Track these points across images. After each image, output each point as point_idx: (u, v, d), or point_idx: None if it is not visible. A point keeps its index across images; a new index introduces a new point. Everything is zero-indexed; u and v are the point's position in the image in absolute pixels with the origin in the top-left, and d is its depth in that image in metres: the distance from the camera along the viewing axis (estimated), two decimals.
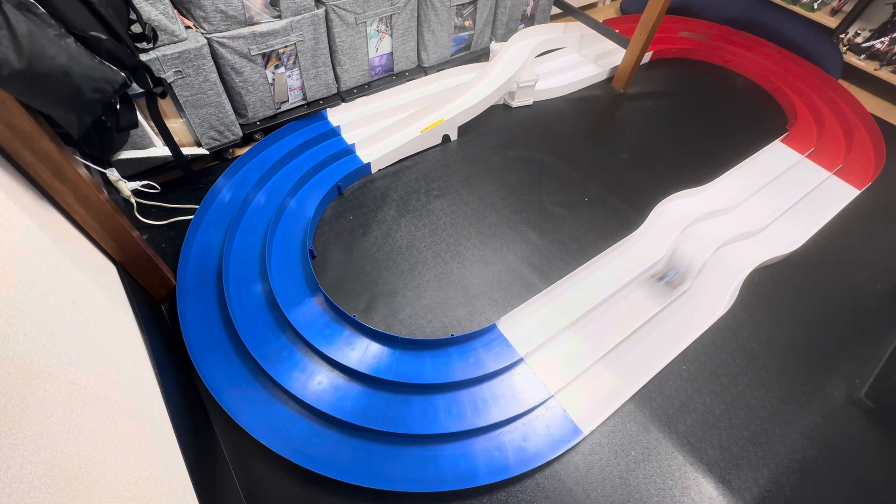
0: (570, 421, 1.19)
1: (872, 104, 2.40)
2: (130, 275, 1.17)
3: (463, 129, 1.95)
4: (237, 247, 1.43)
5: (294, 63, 1.67)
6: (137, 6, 1.22)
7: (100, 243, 1.05)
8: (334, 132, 1.81)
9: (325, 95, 1.86)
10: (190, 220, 1.48)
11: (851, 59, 2.48)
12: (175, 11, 1.33)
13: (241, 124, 1.69)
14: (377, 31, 1.82)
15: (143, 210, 1.51)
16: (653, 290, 1.46)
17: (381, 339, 1.27)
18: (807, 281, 1.58)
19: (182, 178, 1.62)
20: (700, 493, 1.12)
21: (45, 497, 0.46)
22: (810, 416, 1.27)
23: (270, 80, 1.65)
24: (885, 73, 2.40)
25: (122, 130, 1.15)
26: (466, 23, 2.10)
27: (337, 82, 1.87)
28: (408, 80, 2.05)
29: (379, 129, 1.78)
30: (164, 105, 1.45)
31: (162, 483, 0.74)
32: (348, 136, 1.82)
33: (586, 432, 1.17)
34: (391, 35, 1.88)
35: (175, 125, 1.51)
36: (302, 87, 1.77)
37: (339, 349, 1.23)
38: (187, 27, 1.42)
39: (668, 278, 1.49)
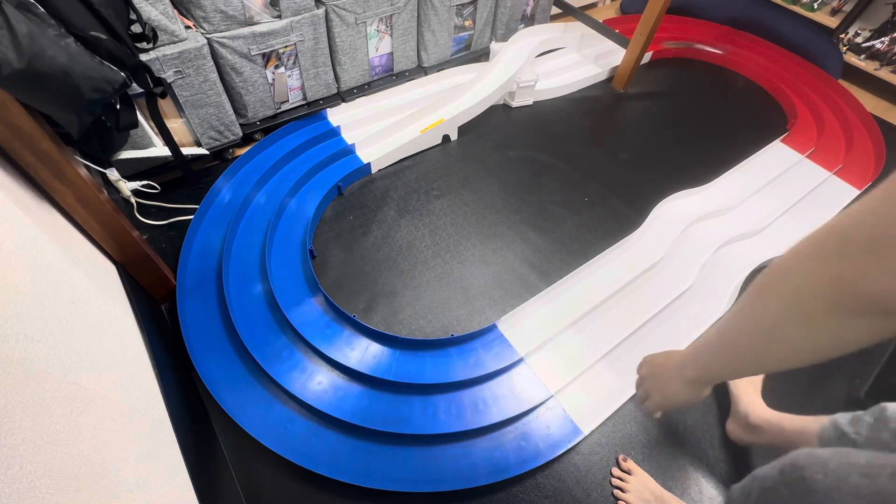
0: (570, 421, 1.18)
1: (872, 104, 2.40)
2: (130, 275, 1.17)
3: (463, 129, 1.94)
4: (237, 247, 1.43)
5: (294, 63, 1.67)
6: (137, 6, 1.22)
7: (100, 243, 1.05)
8: (334, 132, 1.81)
9: (325, 95, 1.86)
10: (190, 220, 1.48)
11: (851, 59, 2.48)
12: (175, 11, 1.33)
13: (241, 124, 1.69)
14: (377, 31, 1.82)
15: (143, 210, 1.51)
16: None
17: (381, 339, 1.27)
18: None
19: (182, 178, 1.62)
20: (700, 492, 1.12)
21: (45, 497, 0.46)
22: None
23: (270, 80, 1.65)
24: (885, 73, 2.40)
25: (122, 130, 1.15)
26: (466, 23, 2.10)
27: (337, 82, 1.87)
28: (408, 80, 2.05)
29: (379, 129, 1.78)
30: (164, 105, 1.45)
31: (162, 483, 0.74)
32: (348, 136, 1.82)
33: (586, 432, 1.17)
34: (391, 35, 1.88)
35: (175, 125, 1.51)
36: (302, 87, 1.77)
37: (339, 349, 1.23)
38: (187, 27, 1.42)
39: None
